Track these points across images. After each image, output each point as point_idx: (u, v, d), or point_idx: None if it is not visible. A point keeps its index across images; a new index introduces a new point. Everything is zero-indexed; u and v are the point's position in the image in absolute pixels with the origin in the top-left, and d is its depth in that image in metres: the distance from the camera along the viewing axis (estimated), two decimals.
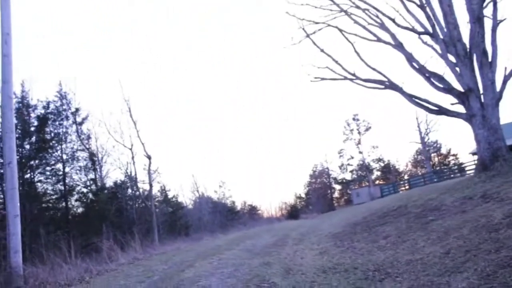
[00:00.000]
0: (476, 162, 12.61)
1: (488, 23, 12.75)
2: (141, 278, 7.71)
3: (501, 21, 12.60)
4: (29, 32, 59.42)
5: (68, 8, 66.63)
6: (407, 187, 35.06)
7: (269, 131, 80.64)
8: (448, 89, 13.37)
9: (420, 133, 44.93)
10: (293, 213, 41.41)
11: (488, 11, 12.77)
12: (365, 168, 50.81)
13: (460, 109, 13.16)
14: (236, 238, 15.94)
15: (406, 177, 52.58)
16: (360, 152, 50.09)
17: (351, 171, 53.70)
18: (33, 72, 41.46)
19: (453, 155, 51.42)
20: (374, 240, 10.08)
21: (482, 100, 12.66)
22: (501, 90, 12.44)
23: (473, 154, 37.32)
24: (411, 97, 14.05)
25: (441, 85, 13.54)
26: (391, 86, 14.44)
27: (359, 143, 50.15)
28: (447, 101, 13.84)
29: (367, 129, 50.19)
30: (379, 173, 54.72)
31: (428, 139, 45.83)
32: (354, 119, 51.03)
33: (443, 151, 51.33)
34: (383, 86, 14.72)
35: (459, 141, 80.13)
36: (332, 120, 76.08)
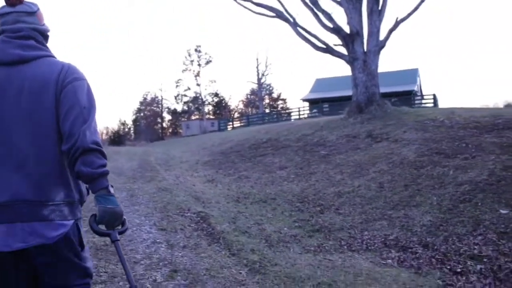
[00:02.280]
0: (352, 104, 13.08)
1: None
2: None
3: None
4: None
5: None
6: (243, 123, 36.07)
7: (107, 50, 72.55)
8: (336, 29, 13.34)
9: (258, 73, 46.49)
10: (116, 139, 38.53)
11: None
12: (200, 101, 50.44)
13: (345, 51, 13.35)
14: None
15: (236, 114, 54.60)
16: (198, 85, 49.15)
17: (186, 103, 52.72)
18: None
19: (282, 99, 55.35)
20: (268, 171, 9.55)
21: (366, 46, 13.03)
22: (385, 39, 12.99)
23: (304, 100, 40.65)
24: (300, 31, 13.61)
25: (330, 25, 13.41)
26: (283, 16, 13.71)
27: (198, 75, 49.01)
28: (332, 41, 13.75)
29: (207, 62, 49.32)
30: (211, 107, 55.23)
31: (265, 80, 47.89)
32: (196, 50, 49.39)
33: (274, 94, 54.69)
34: (274, 14, 13.88)
35: (289, 87, 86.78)
36: (173, 48, 72.47)
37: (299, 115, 31.53)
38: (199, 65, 49.36)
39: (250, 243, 4.33)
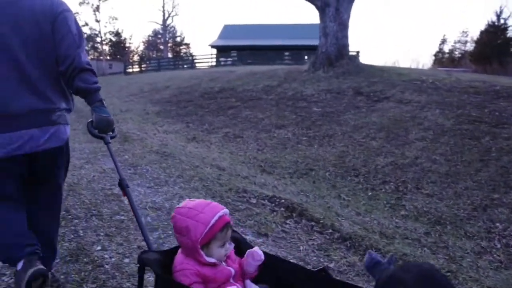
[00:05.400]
0: (319, 55, 11.86)
1: None
2: None
3: None
4: None
5: None
6: (153, 68, 32.67)
7: None
8: None
9: (164, 14, 42.39)
10: None
11: None
12: (99, 39, 44.66)
13: None
14: None
15: (136, 57, 49.85)
16: (97, 21, 43.18)
17: None
18: None
19: (186, 44, 51.65)
20: (262, 130, 8.09)
21: None
22: None
23: (213, 46, 38.26)
24: None
25: None
26: None
27: (97, 10, 42.87)
28: None
29: None
30: (108, 48, 49.40)
31: (172, 22, 44.07)
32: None
33: (178, 39, 50.71)
34: None
35: (192, 32, 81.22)
36: None
37: (215, 62, 29.46)
38: None
39: (416, 255, 2.98)
